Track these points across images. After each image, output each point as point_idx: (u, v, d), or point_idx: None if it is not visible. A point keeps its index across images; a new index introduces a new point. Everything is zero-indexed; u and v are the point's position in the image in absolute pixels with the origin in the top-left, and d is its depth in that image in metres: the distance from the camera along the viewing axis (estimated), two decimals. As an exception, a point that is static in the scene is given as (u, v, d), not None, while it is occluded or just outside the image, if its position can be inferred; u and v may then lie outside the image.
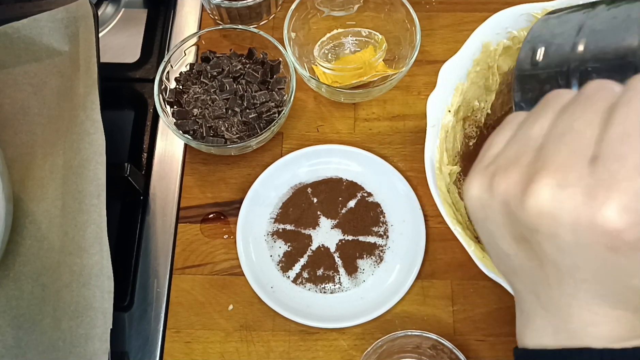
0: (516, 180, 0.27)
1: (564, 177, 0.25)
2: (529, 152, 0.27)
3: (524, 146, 0.28)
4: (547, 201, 0.25)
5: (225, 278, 0.55)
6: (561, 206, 0.25)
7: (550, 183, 0.25)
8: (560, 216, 0.25)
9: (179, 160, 0.60)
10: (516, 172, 0.27)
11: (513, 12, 0.50)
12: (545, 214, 0.26)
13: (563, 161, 0.26)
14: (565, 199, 0.25)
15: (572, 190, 0.25)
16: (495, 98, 0.54)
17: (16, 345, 0.48)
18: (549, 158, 0.26)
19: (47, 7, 0.56)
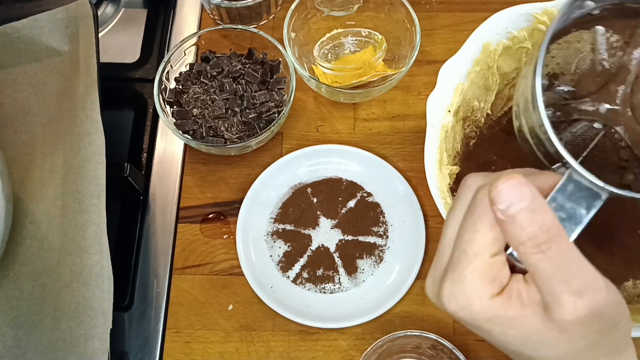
0: None
1: (432, 276, 0.32)
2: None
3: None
4: (431, 299, 0.32)
5: (225, 278, 0.55)
6: (430, 297, 0.32)
7: (428, 284, 0.33)
8: (436, 304, 0.32)
9: (179, 160, 0.60)
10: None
11: (513, 12, 0.49)
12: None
13: (436, 264, 0.32)
14: (430, 293, 0.32)
15: (433, 288, 0.32)
16: (495, 98, 0.54)
17: (16, 345, 0.48)
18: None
19: (47, 7, 0.56)
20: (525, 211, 0.27)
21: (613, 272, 0.49)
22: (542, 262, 0.27)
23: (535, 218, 0.27)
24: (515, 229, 0.27)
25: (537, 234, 0.27)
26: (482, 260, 0.29)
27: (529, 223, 0.27)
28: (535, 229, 0.27)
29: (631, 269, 0.50)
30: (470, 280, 0.29)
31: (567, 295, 0.27)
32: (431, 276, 0.33)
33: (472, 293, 0.29)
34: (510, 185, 0.27)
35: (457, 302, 0.29)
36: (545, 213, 0.27)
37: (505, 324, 0.29)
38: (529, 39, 0.51)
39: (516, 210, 0.27)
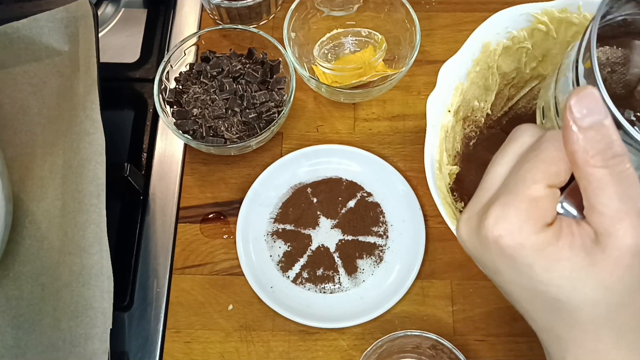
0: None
1: (469, 212, 0.31)
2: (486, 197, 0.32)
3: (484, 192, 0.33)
4: (460, 238, 0.32)
5: (225, 278, 0.55)
6: (462, 235, 0.31)
7: (462, 220, 0.32)
8: (465, 244, 0.31)
9: (179, 160, 0.60)
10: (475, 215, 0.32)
11: (513, 12, 0.49)
12: (466, 249, 0.32)
13: (477, 200, 0.31)
14: (464, 230, 0.31)
15: (470, 222, 0.31)
16: (495, 98, 0.54)
17: (16, 345, 0.48)
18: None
19: (47, 7, 0.56)
20: (599, 125, 0.27)
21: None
22: (609, 177, 0.27)
23: (607, 132, 0.27)
24: (587, 140, 0.27)
25: (606, 149, 0.27)
26: (540, 189, 0.28)
27: (601, 137, 0.27)
28: (605, 144, 0.27)
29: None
30: (526, 204, 0.28)
31: (631, 214, 0.26)
32: (468, 212, 0.31)
33: (524, 217, 0.28)
34: (590, 95, 0.27)
35: (506, 226, 0.28)
36: (614, 132, 0.27)
37: (552, 256, 0.28)
38: (529, 39, 0.51)
39: (591, 122, 0.27)
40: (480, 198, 0.31)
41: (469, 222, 0.31)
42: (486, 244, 0.29)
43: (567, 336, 0.29)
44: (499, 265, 0.29)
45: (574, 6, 0.49)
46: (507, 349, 0.52)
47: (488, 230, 0.28)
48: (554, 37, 0.50)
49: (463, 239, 0.31)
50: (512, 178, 0.29)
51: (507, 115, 0.56)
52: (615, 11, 0.42)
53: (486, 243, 0.29)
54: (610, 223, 0.27)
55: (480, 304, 0.53)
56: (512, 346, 0.52)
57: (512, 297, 0.31)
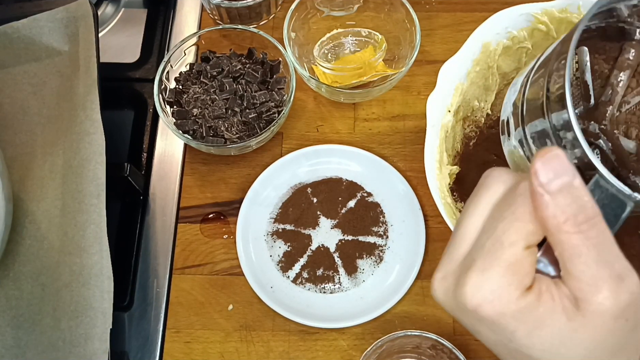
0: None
1: (443, 270, 0.30)
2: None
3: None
4: (436, 298, 0.30)
5: (225, 278, 0.55)
6: (438, 295, 0.30)
7: (436, 279, 0.30)
8: (441, 304, 0.30)
9: (179, 160, 0.59)
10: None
11: (513, 12, 0.50)
12: (444, 307, 0.30)
13: (451, 256, 0.30)
14: (440, 289, 0.30)
15: (445, 283, 0.29)
16: (495, 98, 0.54)
17: (16, 345, 0.48)
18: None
19: (47, 7, 0.56)
20: (568, 187, 0.26)
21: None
22: (584, 242, 0.26)
23: (577, 194, 0.26)
24: (557, 205, 0.26)
25: (577, 213, 0.26)
26: (517, 252, 0.27)
27: (571, 201, 0.26)
28: (576, 208, 0.26)
29: (631, 269, 0.50)
30: (504, 270, 0.27)
31: (610, 279, 0.26)
32: (442, 270, 0.30)
33: (503, 284, 0.27)
34: (555, 156, 0.26)
35: (483, 295, 0.27)
36: (585, 192, 0.26)
37: (534, 323, 0.27)
38: (529, 39, 0.51)
39: (559, 186, 0.26)
40: (454, 254, 0.30)
41: (444, 282, 0.30)
42: (465, 310, 0.28)
43: None
44: (478, 328, 0.29)
45: (574, 6, 0.49)
46: (507, 349, 0.52)
47: (467, 298, 0.27)
48: (554, 37, 0.50)
49: (439, 299, 0.30)
50: (487, 238, 0.28)
51: (507, 115, 0.56)
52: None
53: (465, 309, 0.28)
54: (588, 290, 0.26)
55: (480, 304, 0.53)
56: (512, 346, 0.52)
57: (495, 352, 0.31)
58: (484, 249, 0.28)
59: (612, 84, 0.44)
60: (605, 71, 0.46)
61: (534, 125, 0.38)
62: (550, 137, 0.35)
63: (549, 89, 0.36)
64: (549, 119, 0.35)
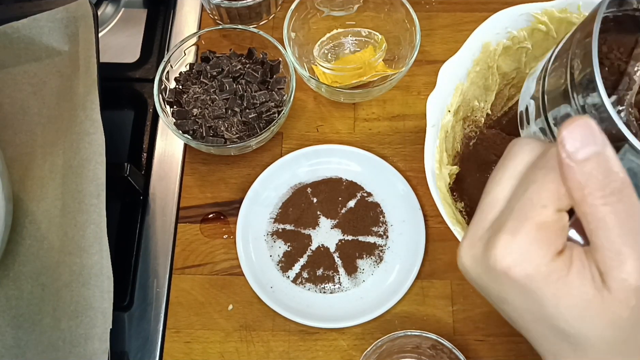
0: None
1: (471, 237, 0.29)
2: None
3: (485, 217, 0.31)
4: (463, 265, 0.30)
5: (225, 278, 0.55)
6: (465, 262, 0.29)
7: (464, 247, 0.29)
8: (468, 272, 0.29)
9: (179, 160, 0.59)
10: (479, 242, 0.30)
11: (513, 12, 0.50)
12: (469, 277, 0.30)
13: (478, 224, 0.29)
14: (467, 256, 0.29)
15: (474, 249, 0.29)
16: (495, 98, 0.54)
17: (16, 345, 0.48)
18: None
19: (47, 7, 0.56)
20: (596, 155, 0.25)
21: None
22: (610, 215, 0.25)
23: (606, 165, 0.25)
24: (583, 175, 0.25)
25: (606, 183, 0.25)
26: (549, 214, 0.26)
27: (599, 169, 0.25)
28: (605, 177, 0.25)
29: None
30: (535, 232, 0.26)
31: (635, 254, 0.25)
32: (469, 238, 0.29)
33: (536, 246, 0.26)
34: (584, 124, 0.25)
35: (515, 256, 0.26)
36: (614, 162, 0.25)
37: (563, 289, 0.26)
38: (529, 39, 0.51)
39: (587, 154, 0.25)
40: (481, 222, 0.29)
41: (472, 249, 0.29)
42: (494, 274, 0.27)
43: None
44: (506, 294, 0.28)
45: (574, 6, 0.49)
46: (507, 349, 0.52)
47: (497, 260, 0.27)
48: (554, 37, 0.50)
49: (466, 267, 0.30)
50: (517, 200, 0.27)
51: (507, 115, 0.56)
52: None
53: (494, 273, 0.27)
54: (612, 265, 0.25)
55: (480, 304, 0.53)
56: (512, 346, 0.52)
57: (518, 324, 0.30)
58: (514, 211, 0.27)
59: (629, 74, 0.43)
60: (622, 63, 0.45)
61: (558, 111, 0.37)
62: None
63: (573, 74, 0.35)
64: (575, 101, 0.35)
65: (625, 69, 0.43)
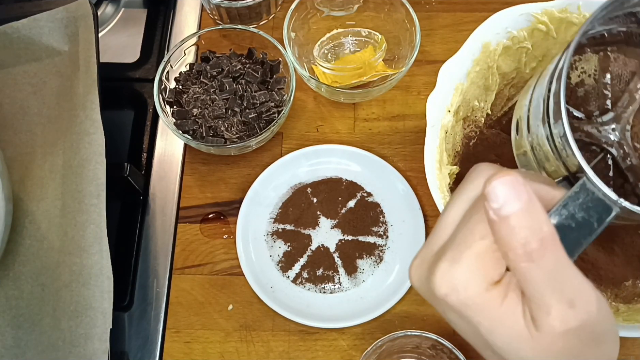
0: None
1: (420, 258, 0.30)
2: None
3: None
4: (412, 283, 0.31)
5: (225, 278, 0.55)
6: (413, 282, 0.31)
7: (413, 266, 0.31)
8: (417, 289, 0.31)
9: (179, 160, 0.60)
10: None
11: (513, 12, 0.50)
12: (420, 293, 0.31)
13: (429, 246, 0.30)
14: (415, 276, 0.30)
15: (420, 270, 0.30)
16: (495, 98, 0.54)
17: (16, 345, 0.48)
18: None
19: (47, 7, 0.56)
20: (519, 213, 0.25)
21: (613, 272, 0.49)
22: (532, 271, 0.25)
23: (529, 222, 0.25)
24: (507, 232, 0.25)
25: (529, 241, 0.25)
26: (487, 245, 0.27)
27: (521, 227, 0.25)
28: (527, 235, 0.25)
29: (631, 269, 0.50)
30: (472, 261, 0.27)
31: (558, 305, 0.26)
32: (419, 257, 0.30)
33: (472, 276, 0.27)
34: (506, 182, 0.25)
35: (451, 285, 0.27)
36: (540, 218, 0.25)
37: (496, 320, 0.27)
38: (529, 39, 0.51)
39: (510, 211, 0.25)
40: (431, 245, 0.30)
41: (419, 270, 0.30)
42: (435, 298, 0.28)
43: None
44: (449, 316, 0.29)
45: (574, 6, 0.49)
46: (507, 349, 0.52)
47: (435, 286, 0.28)
48: (554, 37, 0.50)
49: (415, 285, 0.31)
50: (460, 229, 0.28)
51: (507, 115, 0.56)
52: (597, 27, 0.42)
53: (435, 297, 0.28)
54: (539, 312, 0.26)
55: (480, 304, 0.53)
56: (512, 346, 0.52)
57: (468, 341, 0.31)
58: (455, 240, 0.28)
59: (630, 91, 0.44)
60: (626, 78, 0.46)
61: (537, 129, 0.38)
62: (550, 141, 0.35)
63: (549, 91, 0.36)
64: (548, 123, 0.35)
65: (627, 86, 0.44)
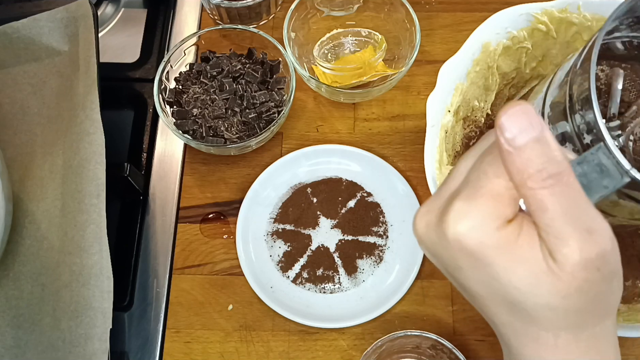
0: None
1: (429, 205, 0.30)
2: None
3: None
4: (417, 232, 0.30)
5: (225, 278, 0.55)
6: (419, 229, 0.30)
7: (420, 213, 0.30)
8: (422, 239, 0.30)
9: (179, 160, 0.60)
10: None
11: (513, 12, 0.50)
12: (423, 246, 0.30)
13: (438, 194, 0.30)
14: (421, 222, 0.30)
15: (429, 216, 0.29)
16: (495, 98, 0.54)
17: (16, 345, 0.48)
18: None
19: (47, 7, 0.56)
20: (534, 141, 0.25)
21: (613, 272, 0.49)
22: (549, 198, 0.25)
23: (544, 149, 0.25)
24: (522, 161, 0.25)
25: (545, 167, 0.25)
26: (503, 183, 0.27)
27: (537, 154, 0.25)
28: (543, 162, 0.25)
29: (631, 269, 0.50)
30: (487, 200, 0.27)
31: (576, 233, 0.25)
32: (427, 206, 0.30)
33: (488, 212, 0.27)
34: (521, 111, 0.25)
35: (467, 222, 0.27)
36: (553, 146, 0.26)
37: (512, 257, 0.27)
38: (529, 39, 0.51)
39: (525, 140, 0.25)
40: (442, 192, 0.30)
41: (427, 215, 0.30)
42: (446, 240, 0.28)
43: (525, 332, 0.29)
44: (459, 261, 0.28)
45: (574, 6, 0.49)
46: (507, 349, 0.52)
47: (449, 226, 0.27)
48: (554, 37, 0.50)
49: (420, 234, 0.30)
50: (474, 171, 0.28)
51: (507, 115, 0.56)
52: (619, 32, 0.42)
53: (446, 239, 0.28)
54: (555, 243, 0.26)
55: (480, 304, 0.53)
56: (512, 346, 0.52)
57: (471, 293, 0.30)
58: (469, 182, 0.28)
59: (638, 104, 0.44)
60: (637, 90, 0.46)
61: (557, 128, 0.38)
62: (573, 138, 0.36)
63: (571, 95, 0.36)
64: (572, 120, 0.36)
65: (637, 99, 0.43)
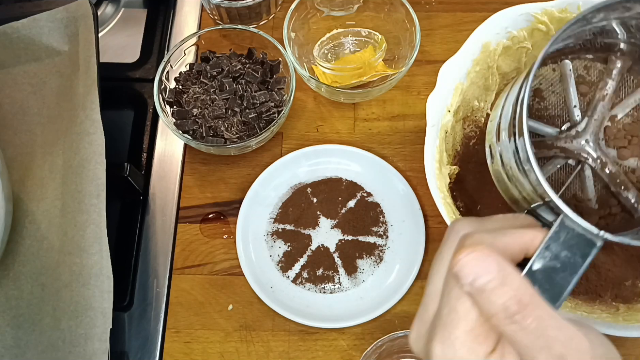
0: None
1: (417, 330, 0.31)
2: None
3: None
4: (416, 352, 0.32)
5: (225, 278, 0.55)
6: (416, 353, 0.31)
7: (412, 338, 0.32)
8: (422, 358, 0.31)
9: (179, 160, 0.60)
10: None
11: (513, 12, 0.50)
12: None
13: (422, 317, 0.31)
14: (416, 349, 0.31)
15: (420, 342, 0.30)
16: (495, 98, 0.54)
17: (16, 345, 0.48)
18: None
19: (47, 7, 0.56)
20: (493, 283, 0.26)
21: (613, 272, 0.49)
22: (518, 333, 0.26)
23: (504, 289, 0.26)
24: (485, 302, 0.26)
25: (508, 305, 0.26)
26: (474, 318, 0.27)
27: (498, 295, 0.26)
28: (505, 300, 0.26)
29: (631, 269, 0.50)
30: (462, 341, 0.27)
31: (550, 355, 0.26)
32: (415, 331, 0.31)
33: (466, 354, 0.27)
34: (473, 258, 0.26)
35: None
36: (515, 282, 0.26)
37: None
38: (529, 39, 0.51)
39: (482, 284, 0.26)
40: (423, 315, 0.31)
41: (418, 343, 0.31)
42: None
43: None
44: None
45: (574, 6, 0.49)
46: (507, 349, 0.52)
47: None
48: (554, 37, 0.50)
49: (418, 355, 0.31)
50: (444, 305, 0.29)
51: (507, 115, 0.56)
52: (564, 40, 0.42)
53: None
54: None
55: (480, 304, 0.53)
56: (512, 346, 0.52)
57: None
58: (441, 319, 0.28)
59: (596, 100, 0.44)
60: (592, 86, 0.46)
61: (506, 147, 0.37)
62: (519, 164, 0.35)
63: (514, 121, 0.35)
64: (516, 152, 0.35)
65: (594, 95, 0.44)
